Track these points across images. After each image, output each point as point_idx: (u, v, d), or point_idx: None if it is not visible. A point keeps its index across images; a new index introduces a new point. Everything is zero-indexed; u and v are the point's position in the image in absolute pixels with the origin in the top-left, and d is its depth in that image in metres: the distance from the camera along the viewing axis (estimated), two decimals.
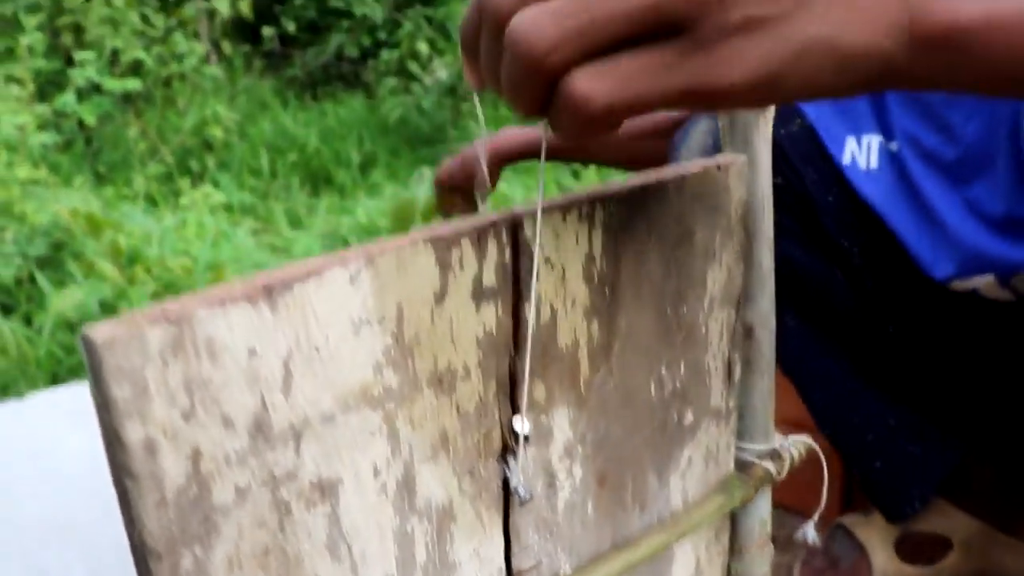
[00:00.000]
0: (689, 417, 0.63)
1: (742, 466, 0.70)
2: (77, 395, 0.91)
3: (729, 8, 0.40)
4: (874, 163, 1.06)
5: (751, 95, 0.42)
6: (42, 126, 3.23)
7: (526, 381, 0.50)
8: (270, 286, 0.40)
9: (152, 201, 3.89)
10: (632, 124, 1.18)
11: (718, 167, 0.59)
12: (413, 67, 5.26)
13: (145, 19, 4.19)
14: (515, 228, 0.48)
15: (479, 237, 0.47)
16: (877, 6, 0.43)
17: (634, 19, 0.40)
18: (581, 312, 0.53)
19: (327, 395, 0.43)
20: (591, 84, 0.41)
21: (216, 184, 4.22)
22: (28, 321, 2.92)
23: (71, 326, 2.64)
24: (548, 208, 0.49)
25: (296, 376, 0.42)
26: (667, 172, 0.56)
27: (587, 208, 0.51)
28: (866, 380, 1.12)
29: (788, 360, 1.11)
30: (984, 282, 1.01)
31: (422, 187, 3.18)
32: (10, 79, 3.56)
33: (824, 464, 0.72)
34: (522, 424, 0.51)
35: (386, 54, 5.59)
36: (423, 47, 5.32)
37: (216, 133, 4.12)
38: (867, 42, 0.43)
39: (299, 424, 0.43)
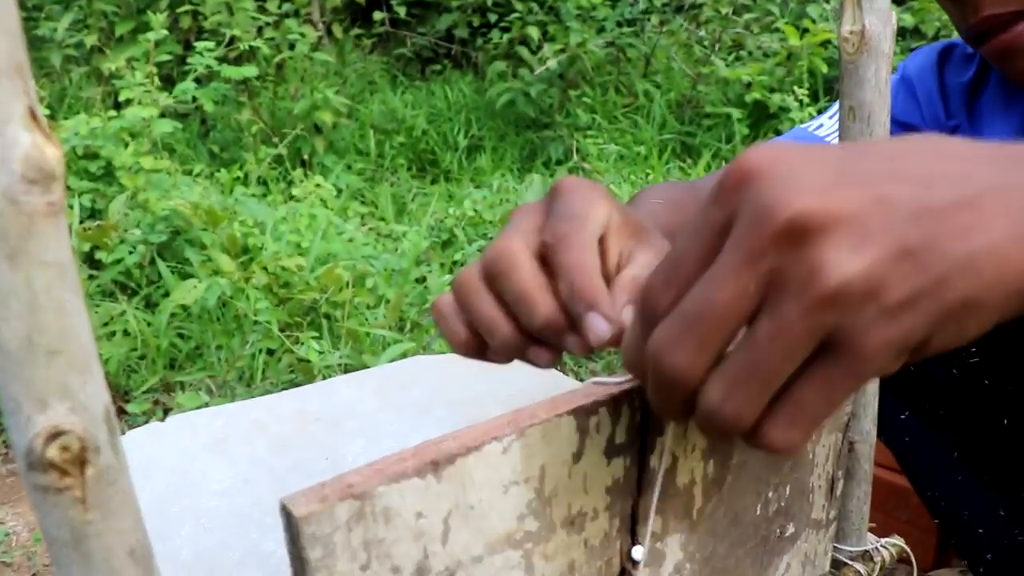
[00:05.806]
0: (791, 529, 0.69)
1: (836, 565, 0.75)
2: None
3: (881, 297, 0.40)
4: None
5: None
6: (163, 114, 3.36)
7: (651, 521, 0.56)
8: (437, 461, 0.47)
9: (264, 184, 4.03)
10: None
11: None
12: (523, 52, 5.29)
13: (261, 5, 4.31)
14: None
15: (615, 404, 0.53)
16: None
17: (796, 354, 0.41)
18: (700, 455, 0.59)
19: (478, 542, 0.50)
20: (786, 434, 0.43)
21: (325, 168, 4.34)
22: (147, 303, 3.07)
23: (189, 314, 2.77)
24: None
25: (453, 529, 0.49)
26: None
27: None
28: (976, 471, 1.12)
29: (901, 454, 1.13)
30: None
31: (531, 192, 3.24)
32: (134, 61, 3.71)
33: (915, 566, 0.77)
34: (641, 554, 0.57)
35: (496, 36, 5.61)
36: (533, 32, 5.34)
37: (325, 118, 4.23)
38: None
39: (453, 566, 0.50)
